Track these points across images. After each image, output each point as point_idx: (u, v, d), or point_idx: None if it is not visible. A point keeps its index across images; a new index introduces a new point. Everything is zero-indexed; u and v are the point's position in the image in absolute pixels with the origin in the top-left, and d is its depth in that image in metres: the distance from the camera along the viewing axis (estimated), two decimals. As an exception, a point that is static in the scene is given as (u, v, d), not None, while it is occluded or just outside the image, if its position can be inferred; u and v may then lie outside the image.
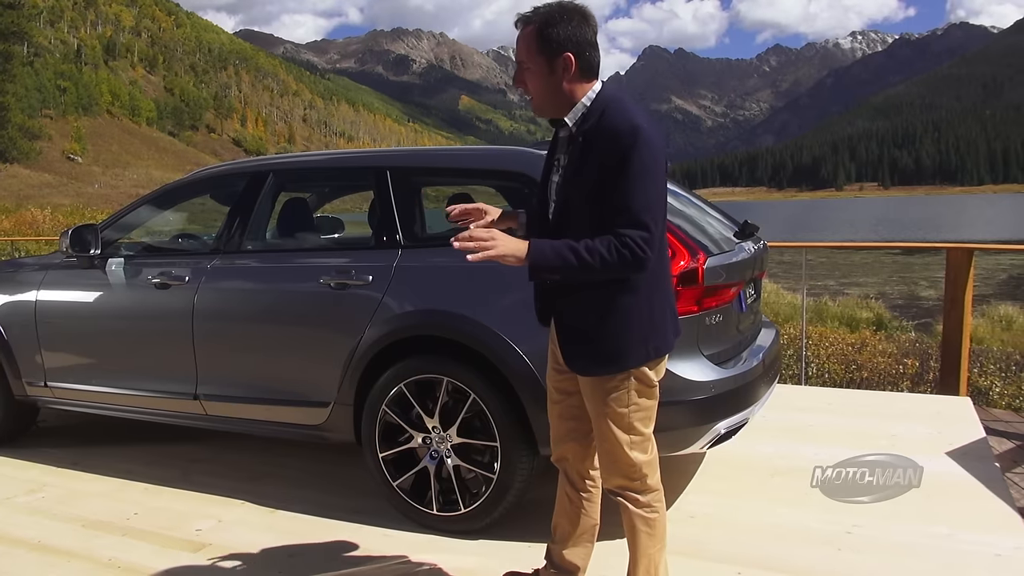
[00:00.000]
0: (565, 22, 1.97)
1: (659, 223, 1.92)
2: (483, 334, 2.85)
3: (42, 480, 3.76)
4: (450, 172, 3.48)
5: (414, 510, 3.06)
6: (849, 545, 2.82)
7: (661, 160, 1.95)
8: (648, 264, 1.89)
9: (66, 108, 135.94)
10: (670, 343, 2.11)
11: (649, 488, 2.16)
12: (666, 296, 2.10)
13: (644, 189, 1.89)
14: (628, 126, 1.92)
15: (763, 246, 3.58)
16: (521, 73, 2.05)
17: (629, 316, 2.01)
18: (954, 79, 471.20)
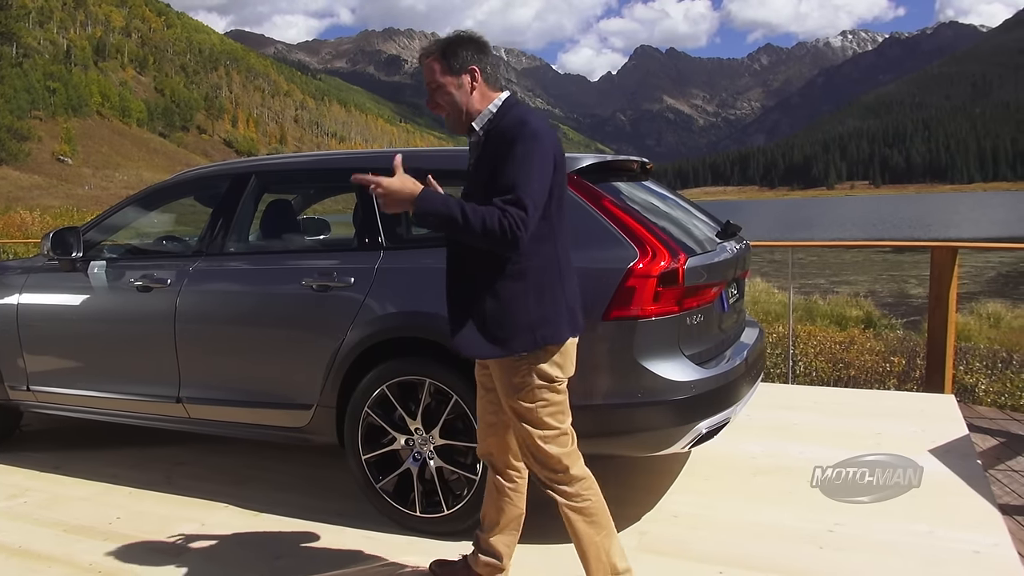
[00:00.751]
0: (464, 45, 2.20)
1: (538, 209, 2.01)
2: (465, 335, 2.84)
3: (25, 485, 3.73)
4: (434, 173, 3.46)
5: (397, 512, 3.05)
6: (831, 543, 2.83)
7: (547, 155, 2.07)
8: (520, 244, 1.98)
9: (56, 109, 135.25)
10: (561, 336, 2.16)
11: (574, 478, 2.22)
12: (565, 291, 2.18)
13: (527, 174, 2.00)
14: (517, 121, 2.09)
15: (745, 246, 3.59)
16: (434, 96, 2.22)
17: (514, 302, 2.10)
18: (944, 78, 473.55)
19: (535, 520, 3.06)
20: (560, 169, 2.14)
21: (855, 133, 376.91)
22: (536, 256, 2.10)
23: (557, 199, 2.14)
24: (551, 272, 2.15)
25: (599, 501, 2.25)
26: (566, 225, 2.19)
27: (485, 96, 2.21)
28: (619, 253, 2.75)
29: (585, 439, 2.82)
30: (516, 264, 2.09)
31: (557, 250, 2.16)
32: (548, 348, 2.14)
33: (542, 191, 2.04)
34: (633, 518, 3.10)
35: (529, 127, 2.07)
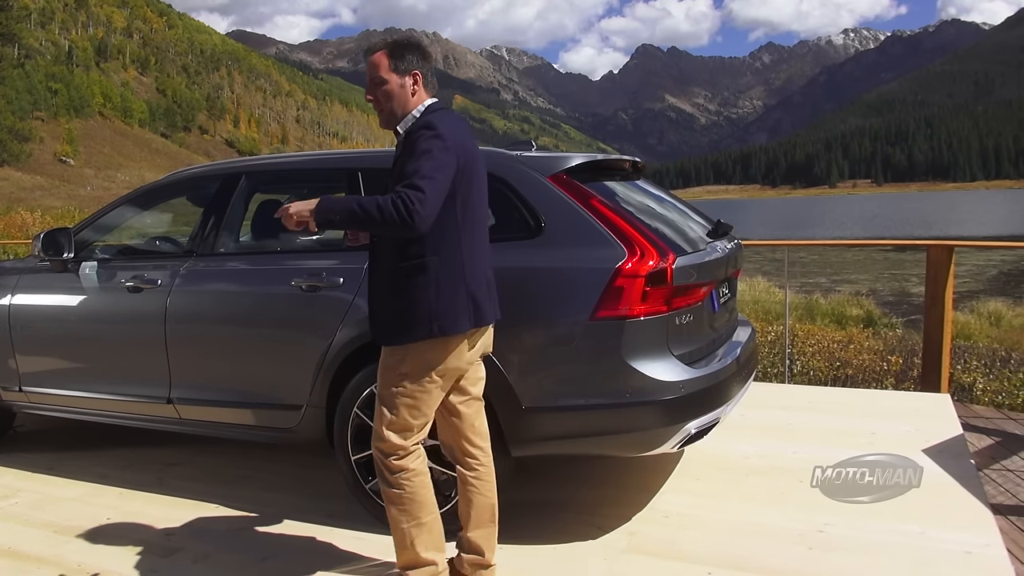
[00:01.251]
0: (411, 48, 2.38)
1: (437, 193, 2.13)
2: (453, 335, 2.84)
3: (16, 486, 3.73)
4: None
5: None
6: (820, 544, 2.82)
7: (447, 151, 2.20)
8: (419, 221, 2.09)
9: (58, 110, 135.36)
10: (459, 327, 2.29)
11: (396, 467, 2.35)
12: (468, 285, 2.30)
13: (425, 164, 2.15)
14: (424, 124, 2.26)
15: (737, 245, 3.57)
16: (375, 89, 2.36)
17: (415, 294, 2.25)
18: (946, 76, 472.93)
19: (523, 521, 3.07)
20: (466, 174, 2.27)
21: (857, 131, 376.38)
22: (437, 253, 2.25)
23: (462, 200, 2.28)
24: (451, 268, 2.27)
25: (416, 497, 2.37)
26: (475, 224, 2.34)
27: (419, 100, 2.37)
28: (607, 253, 2.74)
29: (574, 439, 2.84)
30: (417, 260, 2.24)
31: (460, 247, 2.29)
32: (437, 341, 2.27)
33: (441, 179, 2.16)
34: (623, 518, 3.09)
35: (434, 129, 2.22)
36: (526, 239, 2.90)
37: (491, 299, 2.42)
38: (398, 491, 2.36)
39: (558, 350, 2.77)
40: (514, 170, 3.01)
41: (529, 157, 3.06)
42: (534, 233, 2.89)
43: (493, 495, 2.54)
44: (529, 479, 3.45)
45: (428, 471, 2.43)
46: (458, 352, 2.33)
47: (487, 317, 2.38)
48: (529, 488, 3.38)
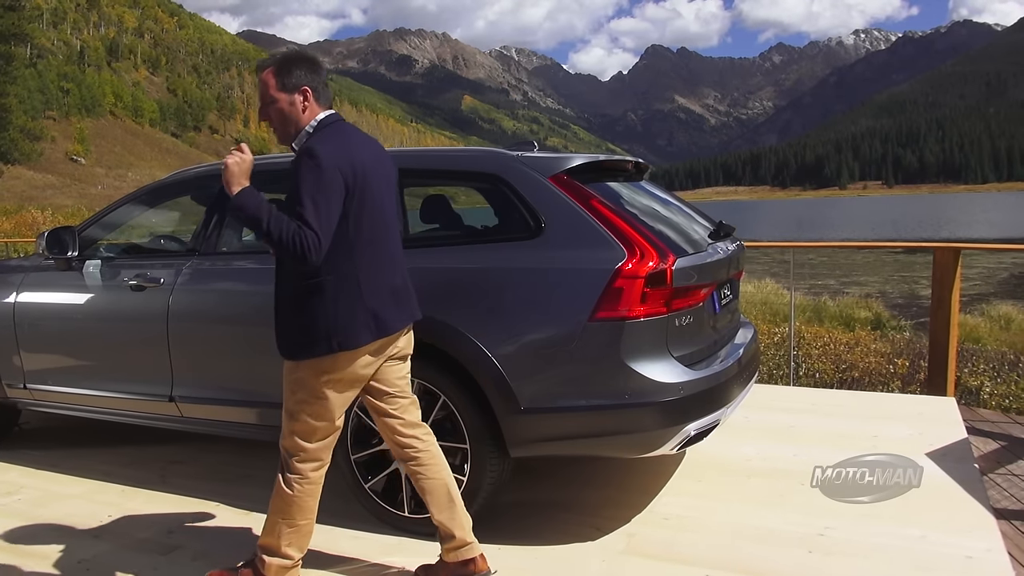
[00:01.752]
0: (299, 63, 2.39)
1: (325, 234, 2.19)
2: (452, 336, 2.84)
3: (20, 482, 3.75)
4: (425, 173, 3.47)
5: (385, 512, 3.04)
6: (820, 547, 2.80)
7: (330, 183, 2.22)
8: (312, 261, 2.18)
9: (69, 109, 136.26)
10: (358, 341, 2.35)
11: (294, 469, 2.45)
12: (366, 300, 2.35)
13: (313, 202, 2.19)
14: (305, 150, 2.27)
15: (739, 246, 3.56)
16: (266, 108, 2.40)
17: (314, 311, 2.32)
18: (958, 77, 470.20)
19: (524, 522, 3.07)
20: (357, 191, 2.31)
21: (868, 133, 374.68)
22: (333, 272, 2.30)
23: (355, 218, 2.31)
24: (348, 285, 2.33)
25: (301, 500, 2.46)
26: (374, 236, 2.38)
27: (311, 115, 2.39)
28: (607, 254, 2.73)
29: (573, 440, 2.84)
30: (315, 279, 2.30)
31: (356, 264, 2.34)
32: (338, 355, 2.33)
33: (331, 215, 2.22)
34: (622, 520, 3.08)
35: (314, 158, 2.22)
36: (526, 239, 2.90)
37: (400, 305, 2.47)
38: (288, 490, 2.46)
39: (557, 351, 2.76)
40: (515, 170, 3.01)
41: (530, 158, 3.06)
42: (534, 233, 2.89)
43: (442, 475, 2.59)
44: (531, 480, 3.45)
45: (321, 484, 2.51)
46: (360, 363, 2.39)
47: (392, 326, 2.43)
48: (531, 489, 3.39)
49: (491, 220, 3.54)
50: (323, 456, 2.49)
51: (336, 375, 2.37)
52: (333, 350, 2.33)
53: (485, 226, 3.36)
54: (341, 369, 2.37)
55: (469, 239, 3.32)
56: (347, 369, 2.38)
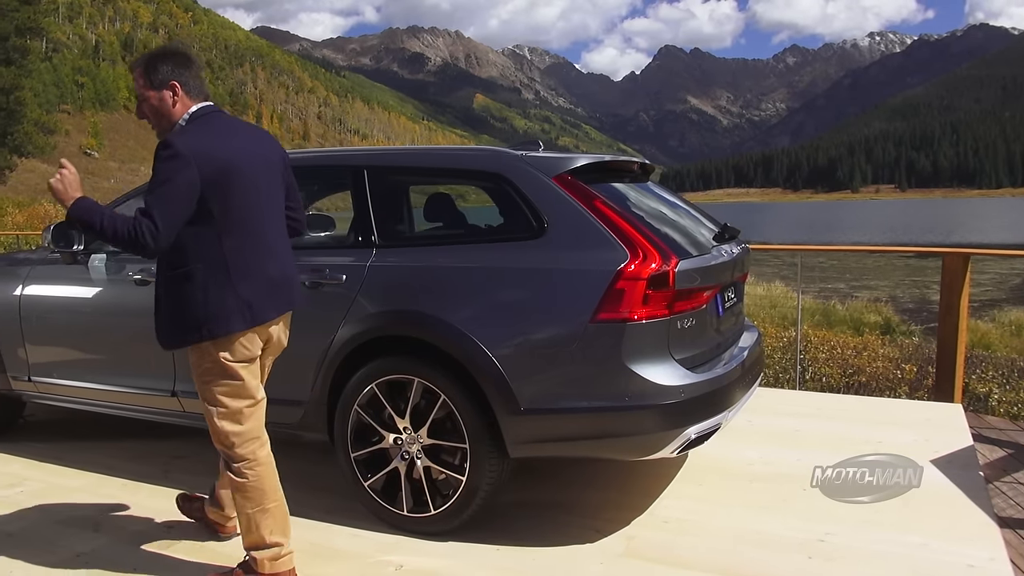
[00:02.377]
0: (165, 60, 2.43)
1: (169, 223, 2.24)
2: (453, 335, 2.83)
3: (23, 474, 3.77)
4: (428, 172, 3.46)
5: (385, 510, 3.04)
6: (820, 553, 2.78)
7: (185, 170, 2.27)
8: (150, 251, 2.25)
9: (83, 103, 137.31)
10: (230, 328, 2.40)
11: (238, 457, 2.51)
12: (237, 289, 2.41)
13: (160, 188, 2.25)
14: (163, 143, 2.31)
15: (744, 249, 3.54)
16: (141, 106, 2.47)
17: (185, 300, 2.39)
18: (973, 81, 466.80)
19: (521, 523, 3.06)
20: (222, 180, 2.34)
21: (881, 136, 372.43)
22: (201, 260, 2.36)
23: (221, 207, 2.35)
24: (218, 273, 2.38)
25: (257, 483, 2.52)
26: (246, 225, 2.43)
27: (183, 109, 2.44)
28: (609, 255, 2.72)
29: (573, 442, 2.83)
30: (184, 268, 2.37)
31: (224, 252, 2.38)
32: (220, 338, 2.40)
33: (174, 204, 2.27)
34: (622, 522, 3.07)
35: (170, 148, 2.28)
36: (529, 239, 2.89)
37: (276, 294, 2.52)
38: (242, 480, 2.51)
39: (558, 351, 2.75)
40: (518, 170, 3.00)
41: (534, 157, 3.05)
42: (537, 233, 2.87)
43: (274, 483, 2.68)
44: (531, 480, 3.44)
45: (272, 461, 2.57)
46: (244, 344, 2.46)
47: (265, 315, 2.48)
48: (531, 489, 3.38)
49: (496, 219, 3.54)
50: (260, 433, 2.55)
51: (231, 355, 2.44)
52: (204, 337, 2.39)
53: (488, 225, 3.35)
54: (232, 349, 2.44)
55: (471, 238, 3.31)
56: (235, 351, 2.45)
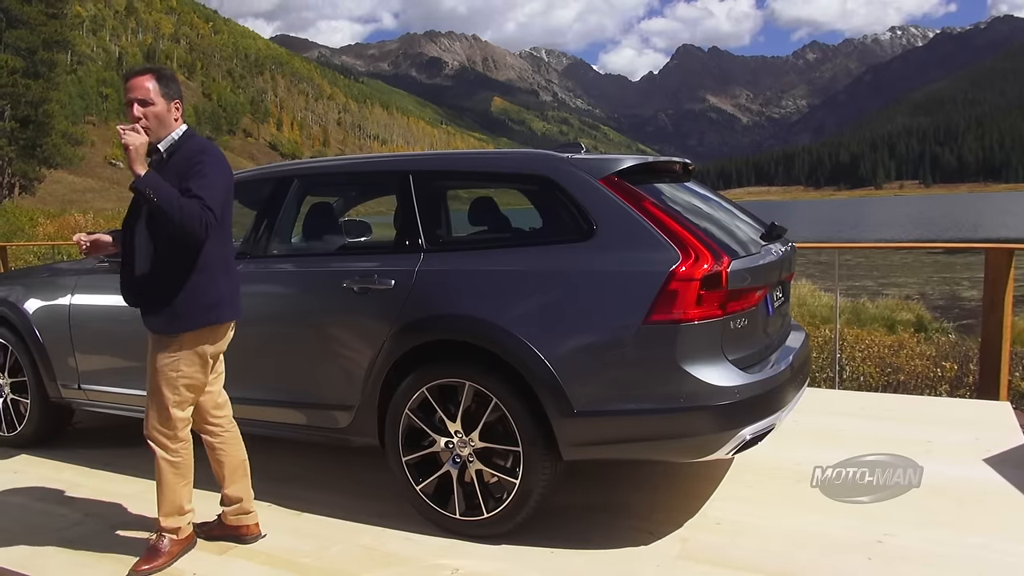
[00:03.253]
0: (174, 79, 2.81)
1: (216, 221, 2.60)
2: (504, 338, 2.84)
3: (75, 481, 3.83)
4: (473, 176, 3.48)
5: (437, 514, 3.05)
6: (880, 554, 2.75)
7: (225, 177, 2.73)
8: (202, 240, 2.60)
9: (108, 114, 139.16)
10: (228, 316, 2.84)
11: (176, 440, 2.83)
12: (231, 281, 2.85)
13: (213, 189, 2.61)
14: (200, 148, 2.73)
15: (791, 248, 3.51)
16: (144, 109, 2.69)
17: (200, 288, 2.71)
18: (998, 74, 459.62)
19: (573, 526, 3.05)
20: (230, 197, 2.79)
21: (904, 131, 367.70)
22: (211, 255, 2.72)
23: (225, 216, 2.76)
24: (225, 267, 2.81)
25: (189, 458, 2.89)
26: (229, 236, 2.86)
27: (179, 124, 2.79)
28: (661, 256, 2.71)
29: (627, 444, 2.82)
30: (198, 258, 2.69)
31: (226, 252, 2.83)
32: (209, 328, 2.77)
33: (221, 207, 2.65)
34: (674, 524, 3.05)
35: (213, 156, 2.71)
36: (577, 242, 2.89)
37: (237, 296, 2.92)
38: (178, 459, 2.85)
39: (611, 354, 2.74)
40: (565, 172, 3.00)
41: (580, 159, 3.05)
42: (586, 236, 2.87)
43: (242, 452, 3.07)
44: (577, 483, 3.43)
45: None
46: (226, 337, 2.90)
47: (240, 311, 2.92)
48: (578, 492, 3.37)
49: (534, 222, 3.54)
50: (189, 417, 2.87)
51: (212, 346, 2.81)
52: (211, 321, 2.76)
53: (534, 228, 3.35)
54: (216, 340, 2.82)
55: (519, 241, 3.32)
56: (220, 340, 2.85)
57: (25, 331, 4.15)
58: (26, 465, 4.12)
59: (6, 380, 4.32)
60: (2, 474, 3.98)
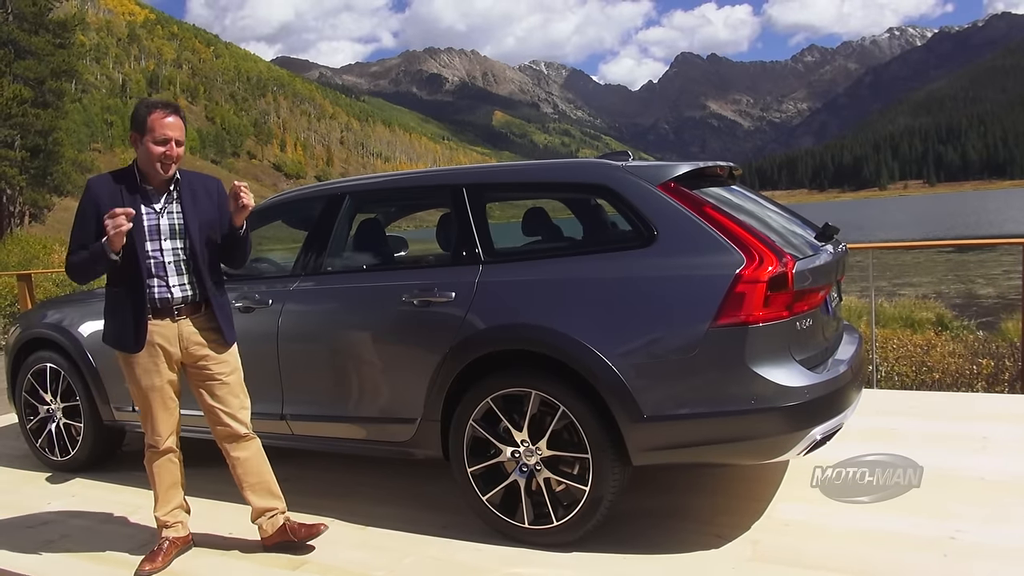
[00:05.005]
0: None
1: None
2: (569, 345, 2.86)
3: (135, 503, 3.85)
4: (528, 187, 3.52)
5: (505, 524, 3.06)
6: (955, 550, 2.75)
7: None
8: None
9: (113, 141, 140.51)
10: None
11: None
12: None
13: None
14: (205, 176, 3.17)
15: (843, 249, 3.53)
16: (179, 146, 2.92)
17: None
18: (999, 71, 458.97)
19: (637, 530, 3.05)
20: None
21: (906, 131, 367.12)
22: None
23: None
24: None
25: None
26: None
27: None
28: (726, 259, 2.74)
29: (698, 447, 2.83)
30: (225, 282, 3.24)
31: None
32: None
33: None
34: (743, 527, 3.06)
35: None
36: (639, 248, 2.91)
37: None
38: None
39: (680, 358, 2.76)
40: (624, 180, 3.04)
41: (637, 167, 3.08)
42: (648, 242, 2.90)
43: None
44: (638, 488, 3.43)
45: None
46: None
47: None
48: (639, 497, 3.37)
49: (588, 230, 3.57)
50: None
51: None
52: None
53: (591, 236, 3.38)
54: None
55: (577, 250, 3.34)
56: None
57: (78, 356, 4.19)
58: (83, 488, 4.15)
59: (58, 405, 4.36)
60: (62, 498, 4.02)
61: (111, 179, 2.94)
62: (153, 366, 2.99)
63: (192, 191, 2.99)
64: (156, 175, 2.91)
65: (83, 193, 2.92)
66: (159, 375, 3.01)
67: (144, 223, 2.89)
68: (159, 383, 3.02)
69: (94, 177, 2.99)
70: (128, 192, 2.89)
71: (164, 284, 2.95)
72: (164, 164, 2.88)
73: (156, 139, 2.85)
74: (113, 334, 3.01)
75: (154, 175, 2.91)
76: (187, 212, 2.96)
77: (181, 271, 2.98)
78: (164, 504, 3.19)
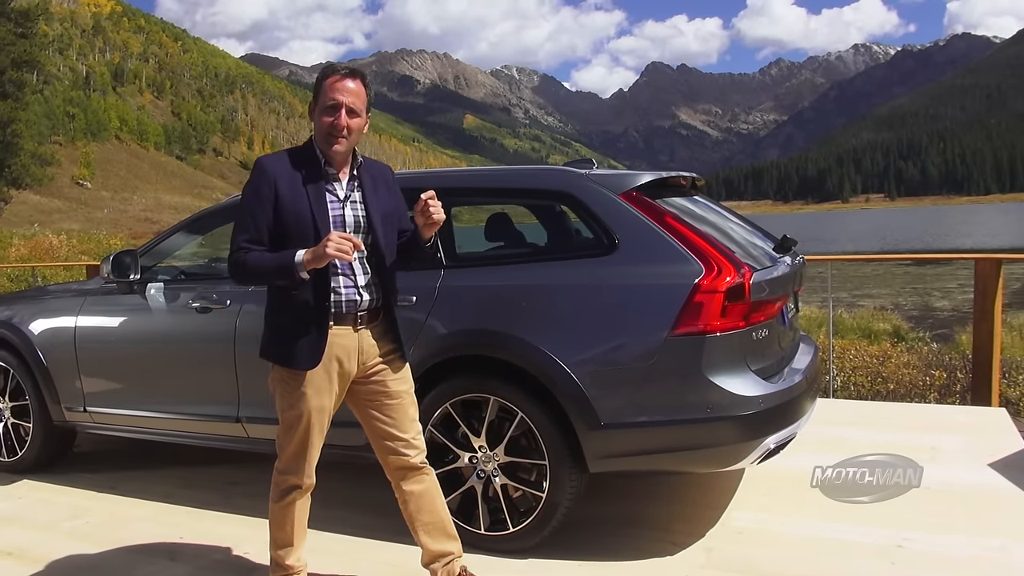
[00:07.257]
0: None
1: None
2: (529, 352, 2.86)
3: (84, 505, 3.77)
4: (489, 192, 3.50)
5: (462, 530, 3.04)
6: (902, 558, 2.80)
7: None
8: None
9: (75, 134, 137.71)
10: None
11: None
12: None
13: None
14: (380, 163, 2.68)
15: (801, 260, 3.59)
16: (356, 117, 2.41)
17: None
18: (958, 89, 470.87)
19: (593, 537, 3.07)
20: None
21: (869, 146, 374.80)
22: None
23: None
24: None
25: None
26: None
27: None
28: (685, 268, 2.76)
29: (654, 455, 2.85)
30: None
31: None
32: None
33: None
34: (697, 535, 3.09)
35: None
36: (600, 256, 2.93)
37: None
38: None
39: (638, 367, 2.78)
40: (585, 188, 3.05)
41: (599, 175, 3.10)
42: (608, 250, 2.92)
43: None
44: (594, 495, 3.44)
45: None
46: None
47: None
48: (595, 504, 3.38)
49: (549, 237, 3.57)
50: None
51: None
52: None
53: (553, 243, 3.39)
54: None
55: (539, 256, 3.35)
56: None
57: (28, 353, 4.09)
58: (29, 491, 4.04)
59: (7, 404, 4.25)
60: (4, 501, 3.90)
61: (287, 158, 2.43)
62: (327, 385, 2.48)
63: (372, 178, 2.53)
64: (332, 155, 2.42)
65: (253, 174, 2.40)
66: (329, 395, 2.51)
67: (329, 214, 2.41)
68: (328, 405, 2.54)
69: (265, 156, 2.46)
70: (309, 176, 2.41)
71: (352, 285, 2.45)
72: (331, 137, 2.38)
73: (324, 105, 2.38)
74: (279, 347, 2.47)
75: (331, 155, 2.42)
76: (369, 202, 2.49)
77: (366, 271, 2.49)
78: (296, 549, 2.71)
